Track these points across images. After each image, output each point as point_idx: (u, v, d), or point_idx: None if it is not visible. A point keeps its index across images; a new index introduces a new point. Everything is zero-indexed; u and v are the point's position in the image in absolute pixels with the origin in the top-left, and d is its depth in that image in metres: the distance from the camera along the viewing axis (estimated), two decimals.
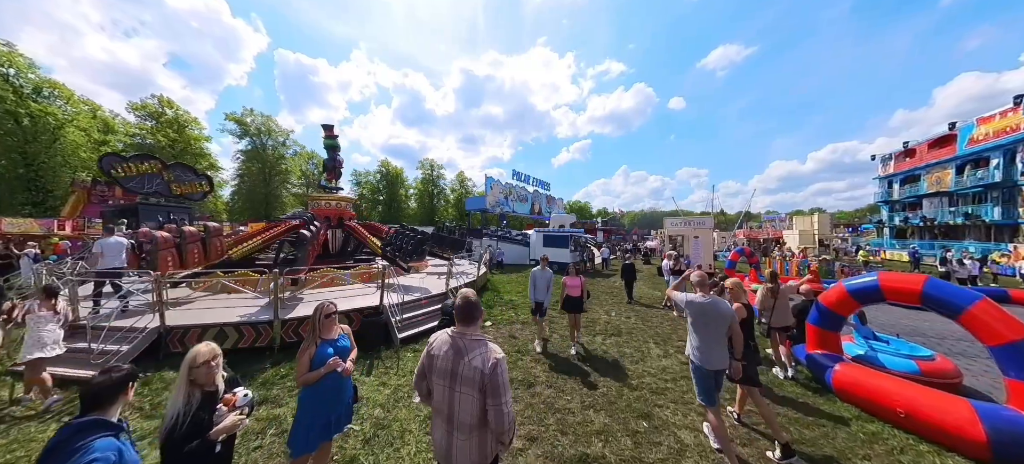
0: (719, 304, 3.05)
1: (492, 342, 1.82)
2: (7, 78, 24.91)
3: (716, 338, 3.04)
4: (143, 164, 15.28)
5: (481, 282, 11.53)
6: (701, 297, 3.10)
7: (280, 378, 4.71)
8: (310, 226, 9.37)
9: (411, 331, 6.43)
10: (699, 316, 3.08)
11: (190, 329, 5.45)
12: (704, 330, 3.06)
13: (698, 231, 15.63)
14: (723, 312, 3.02)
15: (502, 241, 21.55)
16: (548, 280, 6.12)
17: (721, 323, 3.02)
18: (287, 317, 5.82)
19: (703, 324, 3.06)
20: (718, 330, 3.03)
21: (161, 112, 30.75)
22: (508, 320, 8.06)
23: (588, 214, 78.76)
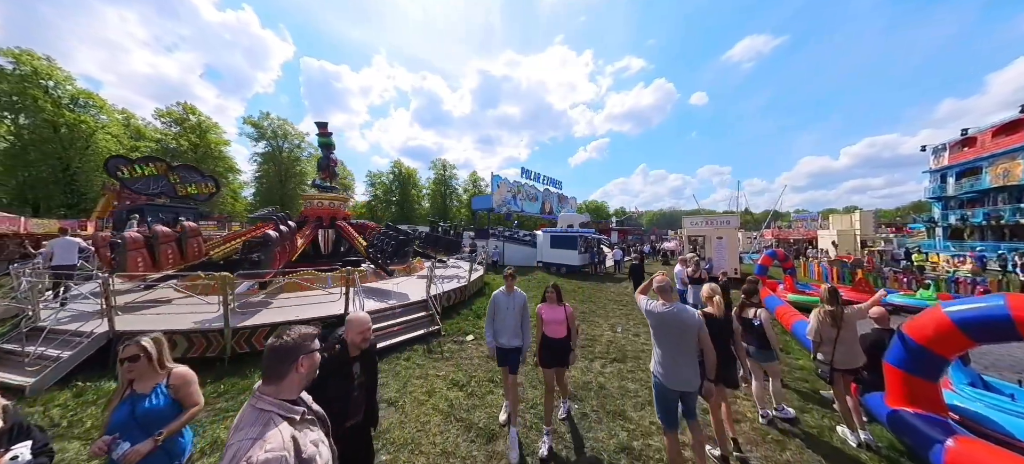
0: (682, 313, 2.66)
1: (281, 421, 1.13)
2: (47, 90, 26.20)
3: (680, 352, 2.64)
4: (148, 166, 15.17)
5: (474, 287, 10.39)
6: (661, 305, 2.73)
7: (220, 394, 4.17)
8: (280, 226, 8.50)
9: (381, 343, 5.64)
10: (659, 326, 2.73)
11: (140, 334, 4.74)
12: (665, 342, 2.70)
13: (722, 231, 13.88)
14: (685, 321, 2.62)
15: (510, 242, 20.40)
16: (519, 310, 3.70)
17: (684, 335, 2.62)
18: (240, 325, 5.29)
19: (663, 335, 2.70)
20: (682, 343, 2.63)
21: (185, 118, 31.79)
22: None
23: (605, 214, 76.36)
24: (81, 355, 4.70)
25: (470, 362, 5.42)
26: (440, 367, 5.20)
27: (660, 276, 2.94)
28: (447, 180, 54.69)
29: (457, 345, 6.09)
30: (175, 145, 30.57)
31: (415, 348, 5.83)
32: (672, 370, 2.63)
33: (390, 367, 5.10)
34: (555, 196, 30.25)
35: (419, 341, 6.10)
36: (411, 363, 5.26)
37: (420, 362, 5.30)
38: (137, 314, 5.97)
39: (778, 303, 7.53)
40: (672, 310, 2.66)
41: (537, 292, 11.10)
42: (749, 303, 3.81)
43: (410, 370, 5.03)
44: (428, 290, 7.72)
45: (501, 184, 22.08)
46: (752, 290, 3.96)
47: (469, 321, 7.67)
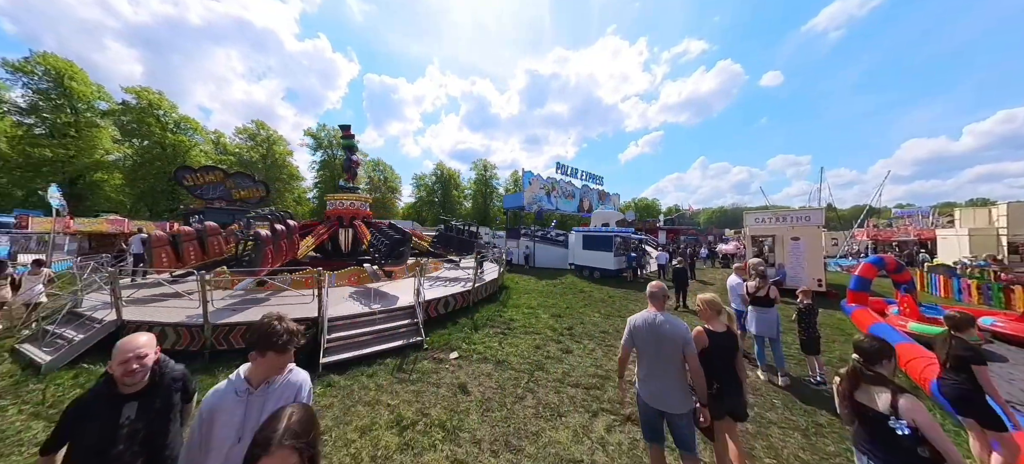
0: (668, 323, 2.34)
1: None
2: (157, 117, 31.04)
3: (663, 369, 2.32)
4: (208, 174, 16.60)
5: (481, 293, 9.18)
6: (646, 313, 2.45)
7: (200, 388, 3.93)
8: (276, 226, 8.29)
9: (346, 354, 5.12)
10: (637, 334, 2.43)
11: (141, 325, 5.18)
12: (644, 355, 2.42)
13: (799, 230, 10.86)
14: (669, 334, 2.30)
15: (541, 242, 18.88)
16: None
17: (661, 344, 2.32)
18: (221, 322, 5.30)
19: (641, 343, 2.42)
20: (666, 358, 2.31)
21: (256, 133, 35.75)
22: (482, 354, 5.50)
23: (655, 212, 70.41)
24: (91, 340, 5.04)
25: (436, 392, 4.29)
26: (399, 392, 4.26)
27: (656, 283, 2.59)
28: (488, 180, 54.56)
29: (434, 363, 5.10)
30: (248, 156, 34.55)
31: (385, 362, 5.06)
32: (652, 388, 2.35)
33: (348, 384, 4.39)
34: (595, 193, 27.86)
35: (396, 353, 5.35)
36: (372, 382, 4.47)
37: (381, 382, 4.47)
38: (143, 306, 6.19)
39: (897, 337, 5.09)
40: (656, 319, 2.38)
41: (563, 299, 9.66)
42: (873, 375, 1.88)
43: (364, 392, 4.24)
44: (416, 295, 6.72)
45: (533, 181, 20.59)
46: (876, 353, 1.91)
47: (463, 333, 6.55)
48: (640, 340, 2.43)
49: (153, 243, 8.20)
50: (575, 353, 5.52)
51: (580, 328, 6.90)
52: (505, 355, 5.46)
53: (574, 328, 6.86)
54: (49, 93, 27.52)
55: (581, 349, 5.72)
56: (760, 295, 4.68)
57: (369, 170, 47.70)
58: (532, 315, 7.92)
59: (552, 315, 7.87)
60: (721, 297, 2.90)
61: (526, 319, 7.57)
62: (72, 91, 27.96)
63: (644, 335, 2.40)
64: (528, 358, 5.34)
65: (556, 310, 8.42)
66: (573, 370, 4.88)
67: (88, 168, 27.82)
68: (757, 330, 4.67)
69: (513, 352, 5.59)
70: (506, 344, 5.98)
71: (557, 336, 6.38)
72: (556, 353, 5.53)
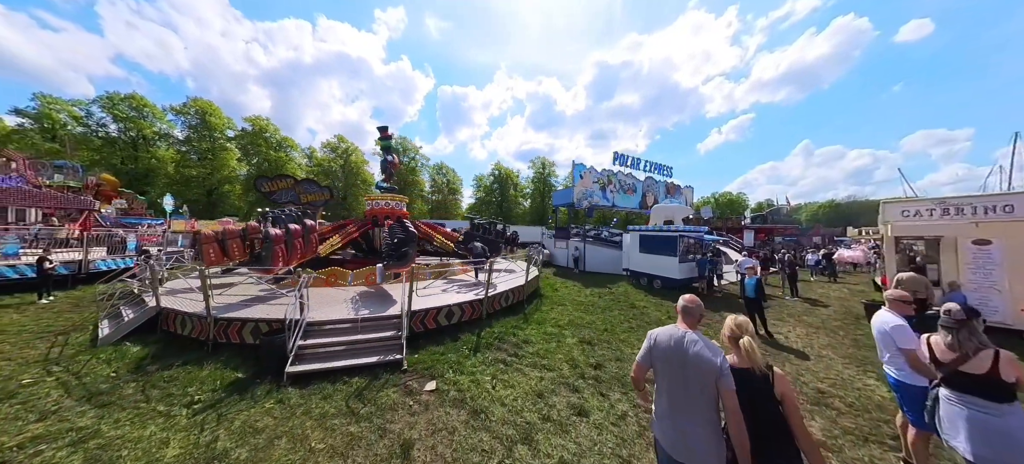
0: (700, 344, 1.76)
1: None
2: (266, 139, 37.02)
3: (688, 404, 1.74)
4: (281, 181, 18.23)
5: (496, 303, 7.68)
6: (673, 328, 1.93)
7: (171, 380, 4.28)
8: (288, 225, 8.15)
9: (314, 365, 4.57)
10: (661, 354, 1.88)
11: (177, 313, 5.73)
12: (664, 381, 1.87)
13: (991, 228, 6.82)
14: (699, 359, 1.73)
15: (592, 242, 16.57)
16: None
17: (696, 378, 1.72)
18: (222, 316, 5.37)
19: (663, 369, 1.87)
20: (692, 390, 1.73)
21: (337, 146, 40.35)
22: (463, 393, 3.92)
23: (740, 207, 59.88)
24: (136, 321, 5.71)
25: (372, 445, 3.16)
26: (336, 430, 3.35)
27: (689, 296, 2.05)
28: (546, 178, 52.68)
29: (402, 395, 4.04)
30: (329, 166, 39.21)
31: (351, 382, 4.28)
32: (666, 420, 1.81)
33: (300, 405, 3.76)
34: (661, 186, 23.99)
35: (366, 371, 4.55)
36: (320, 408, 3.73)
37: (328, 410, 3.70)
38: (177, 296, 6.75)
39: None
40: (680, 336, 1.83)
41: (605, 316, 7.56)
42: None
43: (302, 420, 3.51)
44: (407, 303, 5.71)
45: (584, 174, 18.23)
46: None
47: (458, 354, 5.25)
48: (661, 360, 1.87)
49: (202, 240, 8.75)
50: (592, 418, 3.62)
51: (614, 367, 4.88)
52: (490, 401, 3.90)
53: (605, 366, 4.87)
54: (198, 127, 34.82)
55: (603, 411, 3.78)
56: (972, 373, 2.18)
57: (433, 174, 50.24)
58: (555, 337, 6.13)
59: (581, 340, 5.96)
60: None
61: (545, 343, 5.82)
62: (211, 124, 34.96)
63: (666, 355, 1.84)
64: (519, 413, 3.67)
65: (590, 332, 6.46)
66: (576, 459, 3.03)
67: (220, 182, 34.36)
68: (950, 417, 2.22)
69: (504, 398, 3.98)
70: (501, 381, 4.40)
71: (576, 378, 4.52)
72: (563, 413, 3.72)
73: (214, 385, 4.12)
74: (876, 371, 4.76)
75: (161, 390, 4.00)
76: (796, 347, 5.80)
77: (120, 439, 3.14)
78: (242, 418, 3.45)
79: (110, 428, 3.30)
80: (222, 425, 3.35)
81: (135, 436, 3.18)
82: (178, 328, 5.65)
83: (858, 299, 10.40)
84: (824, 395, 4.14)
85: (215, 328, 5.24)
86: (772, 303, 9.44)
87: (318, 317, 5.53)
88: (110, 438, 3.16)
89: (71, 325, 6.46)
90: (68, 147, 30.21)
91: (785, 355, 5.50)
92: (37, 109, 30.75)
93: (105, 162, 31.07)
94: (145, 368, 4.54)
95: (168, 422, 3.39)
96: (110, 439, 3.15)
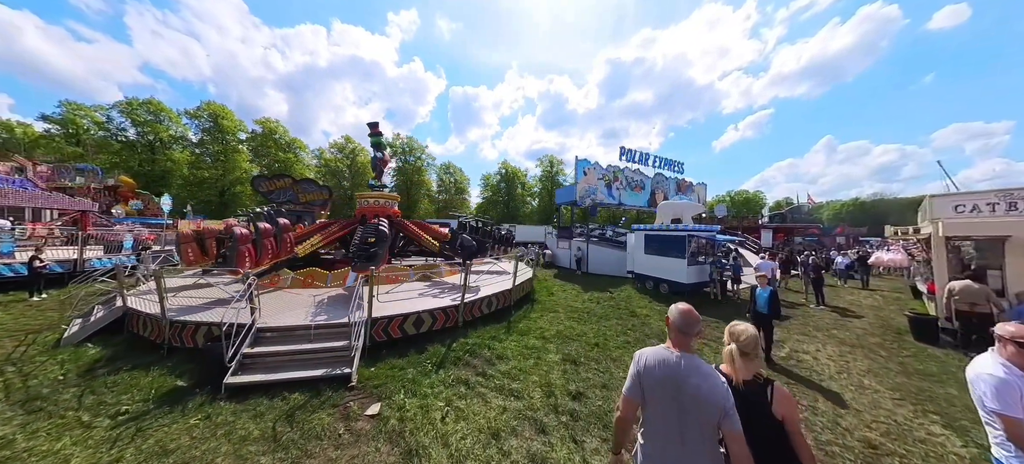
0: (698, 374, 1.43)
1: None
2: (275, 140, 37.39)
3: (686, 450, 1.42)
4: (279, 181, 18.01)
5: (479, 310, 6.84)
6: (663, 351, 1.55)
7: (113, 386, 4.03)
8: (254, 225, 7.65)
9: (256, 376, 4.17)
10: (651, 383, 1.50)
11: (140, 314, 5.50)
12: (655, 417, 1.50)
13: None
14: (699, 391, 1.40)
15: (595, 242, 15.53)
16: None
17: (694, 414, 1.41)
18: (177, 319, 5.09)
19: (655, 402, 1.50)
20: (691, 431, 1.42)
21: (344, 146, 40.45)
22: (405, 424, 3.12)
23: (758, 206, 57.09)
24: (101, 322, 5.52)
25: None
26: (248, 460, 2.91)
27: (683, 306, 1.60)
28: (554, 176, 51.42)
29: (337, 419, 3.47)
30: (336, 166, 39.30)
31: (289, 397, 3.80)
32: (655, 453, 1.46)
33: (225, 423, 3.37)
34: (672, 182, 22.63)
35: (309, 386, 4.05)
36: (245, 428, 3.30)
37: (252, 432, 3.24)
38: (144, 297, 6.20)
39: None
40: (673, 362, 1.48)
41: (599, 327, 6.47)
42: None
43: (213, 449, 3.04)
44: (367, 310, 5.22)
45: (588, 170, 17.17)
46: None
47: (418, 370, 4.58)
48: (652, 391, 1.50)
49: (180, 240, 8.37)
50: None
51: (597, 397, 3.94)
52: (433, 438, 3.16)
53: (586, 396, 3.94)
54: (211, 130, 35.44)
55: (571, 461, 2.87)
56: None
57: (440, 173, 49.85)
58: (536, 352, 5.23)
59: (565, 357, 5.04)
60: None
61: (522, 360, 4.94)
62: (223, 127, 35.51)
63: (659, 384, 1.48)
64: (462, 462, 2.82)
65: (578, 346, 5.53)
66: None
67: (232, 183, 34.79)
68: None
69: (450, 435, 3.18)
70: (456, 410, 3.62)
71: (547, 411, 3.62)
72: None
73: (150, 393, 3.86)
74: (942, 413, 3.66)
75: (97, 397, 3.81)
76: (829, 373, 4.69)
77: (28, 452, 2.96)
78: (160, 434, 3.16)
79: (26, 439, 3.12)
80: (135, 442, 3.07)
81: (45, 449, 2.99)
82: (141, 329, 5.44)
83: (895, 308, 9.05)
84: (877, 451, 3.06)
85: (170, 331, 4.97)
86: (795, 313, 8.23)
87: (273, 322, 5.07)
88: (19, 450, 2.97)
89: (45, 324, 6.20)
90: (89, 151, 31.19)
91: (814, 386, 4.42)
92: (63, 115, 31.87)
93: (124, 165, 31.90)
94: (95, 371, 4.36)
95: (85, 434, 3.17)
96: (18, 451, 2.96)
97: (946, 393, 4.07)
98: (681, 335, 1.53)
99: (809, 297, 9.73)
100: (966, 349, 5.48)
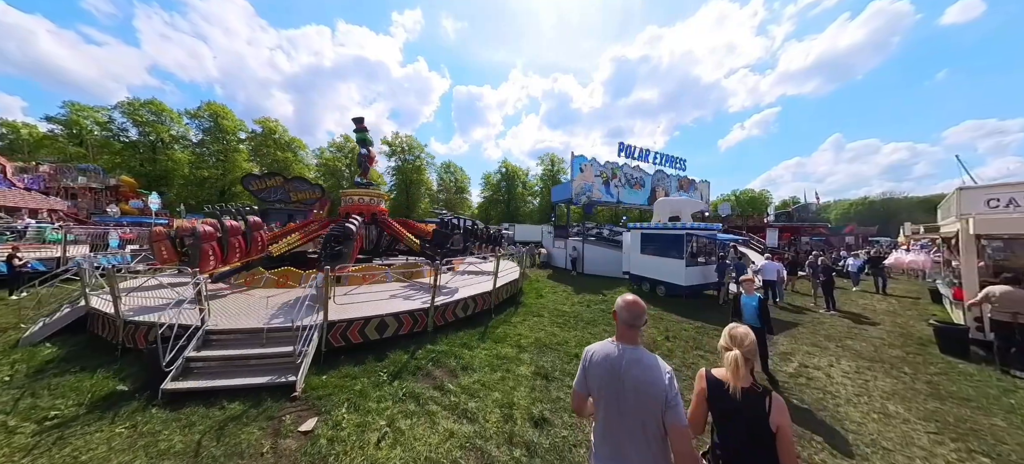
0: (640, 365, 1.40)
1: None
2: (275, 140, 37.19)
3: (628, 442, 1.38)
4: (270, 180, 17.63)
5: (443, 316, 6.21)
6: (608, 344, 1.51)
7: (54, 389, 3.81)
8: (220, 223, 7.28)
9: (199, 382, 3.85)
10: (596, 377, 1.47)
11: (100, 314, 5.24)
12: (603, 421, 1.45)
13: None
14: (639, 384, 1.37)
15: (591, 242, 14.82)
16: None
17: (634, 408, 1.37)
18: (131, 319, 4.81)
19: (600, 396, 1.46)
20: (632, 424, 1.37)
21: (343, 145, 40.17)
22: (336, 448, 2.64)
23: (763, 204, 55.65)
24: (62, 321, 5.37)
25: None
26: None
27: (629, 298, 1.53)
28: (555, 175, 50.55)
29: (266, 434, 3.13)
30: (335, 165, 39.00)
31: (227, 407, 3.51)
32: (604, 454, 1.42)
33: (150, 434, 3.09)
34: (673, 180, 21.75)
35: (251, 395, 3.71)
36: (165, 444, 2.97)
37: (173, 448, 2.93)
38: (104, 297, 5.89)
39: None
40: (617, 354, 1.44)
41: (585, 334, 6.13)
42: None
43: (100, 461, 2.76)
44: (323, 313, 4.80)
45: (585, 167, 16.42)
46: None
47: (371, 379, 4.15)
48: (598, 387, 1.47)
49: (152, 238, 7.94)
50: None
51: (561, 426, 3.26)
52: None
53: (550, 424, 3.26)
54: (212, 130, 35.35)
55: None
56: None
57: (440, 173, 49.36)
58: (507, 364, 4.58)
59: (537, 371, 4.38)
60: None
61: (489, 372, 4.31)
62: (224, 127, 35.38)
63: (602, 380, 1.45)
64: None
65: (555, 358, 4.86)
66: None
67: (232, 183, 34.62)
68: None
69: None
70: (396, 432, 3.15)
71: (500, 443, 2.98)
72: None
73: (88, 398, 3.63)
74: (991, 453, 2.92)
75: (34, 400, 3.62)
76: (845, 395, 3.95)
77: None
78: (80, 443, 2.95)
79: None
80: (49, 453, 2.85)
81: None
82: (100, 330, 5.24)
83: (913, 314, 8.22)
84: None
85: (124, 332, 4.77)
86: (803, 320, 7.46)
87: (227, 324, 4.79)
88: None
89: (12, 324, 5.94)
90: (91, 151, 31.20)
91: (828, 410, 3.69)
92: (67, 116, 31.95)
93: (126, 165, 31.90)
94: (45, 373, 4.19)
95: (4, 440, 3.00)
96: None
97: (991, 425, 3.33)
98: (627, 328, 1.48)
99: (818, 301, 8.94)
100: (1004, 365, 4.71)
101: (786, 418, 1.42)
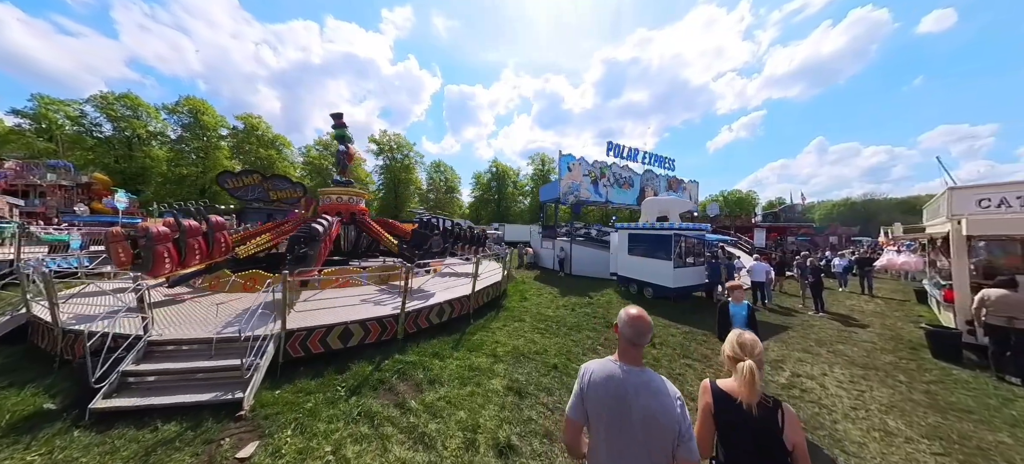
0: (649, 388, 1.24)
1: None
2: (258, 137, 35.96)
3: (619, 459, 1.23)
4: (247, 177, 16.62)
5: (414, 323, 5.76)
6: (610, 363, 1.34)
7: None
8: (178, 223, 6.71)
9: (132, 400, 3.39)
10: (596, 400, 1.28)
11: (40, 322, 4.79)
12: (601, 440, 1.26)
13: None
14: (649, 410, 1.20)
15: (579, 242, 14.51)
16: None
17: (643, 436, 1.20)
18: (71, 329, 4.41)
19: (600, 421, 1.27)
20: (636, 452, 1.21)
21: (330, 143, 39.11)
22: None
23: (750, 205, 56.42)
24: (2, 330, 5.00)
25: None
26: None
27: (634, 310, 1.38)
28: (546, 175, 50.29)
29: (200, 460, 2.77)
30: (322, 164, 37.94)
31: (160, 429, 3.09)
32: None
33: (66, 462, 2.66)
34: (662, 179, 21.68)
35: (192, 414, 3.31)
36: None
37: None
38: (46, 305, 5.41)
39: None
40: (622, 376, 1.27)
41: (566, 342, 5.71)
42: None
43: None
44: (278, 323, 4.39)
45: (573, 165, 16.13)
46: None
47: (325, 399, 3.62)
48: (597, 413, 1.28)
49: (110, 239, 7.24)
50: None
51: (529, 454, 2.86)
52: None
53: (516, 452, 2.85)
54: (191, 126, 34.00)
55: None
56: None
57: (430, 172, 48.63)
58: (479, 376, 4.17)
59: (511, 386, 3.96)
60: None
61: (458, 387, 3.89)
62: (204, 123, 34.06)
63: (604, 405, 1.26)
64: None
65: (533, 369, 4.47)
66: None
67: (212, 181, 33.35)
68: None
69: None
70: (342, 460, 2.74)
71: None
72: None
73: (7, 418, 3.24)
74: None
75: None
76: (841, 409, 3.64)
77: None
78: None
79: None
80: None
81: None
82: (40, 340, 4.81)
83: (901, 315, 8.09)
84: None
85: (63, 342, 4.38)
86: (793, 322, 7.23)
87: (173, 334, 4.35)
88: None
89: None
90: (61, 147, 29.64)
91: (828, 432, 3.38)
92: (35, 110, 30.29)
93: (99, 162, 30.41)
94: None
95: None
96: None
97: (998, 443, 3.05)
98: (631, 346, 1.32)
99: (806, 302, 8.76)
100: (999, 370, 4.49)
101: (801, 435, 1.34)
